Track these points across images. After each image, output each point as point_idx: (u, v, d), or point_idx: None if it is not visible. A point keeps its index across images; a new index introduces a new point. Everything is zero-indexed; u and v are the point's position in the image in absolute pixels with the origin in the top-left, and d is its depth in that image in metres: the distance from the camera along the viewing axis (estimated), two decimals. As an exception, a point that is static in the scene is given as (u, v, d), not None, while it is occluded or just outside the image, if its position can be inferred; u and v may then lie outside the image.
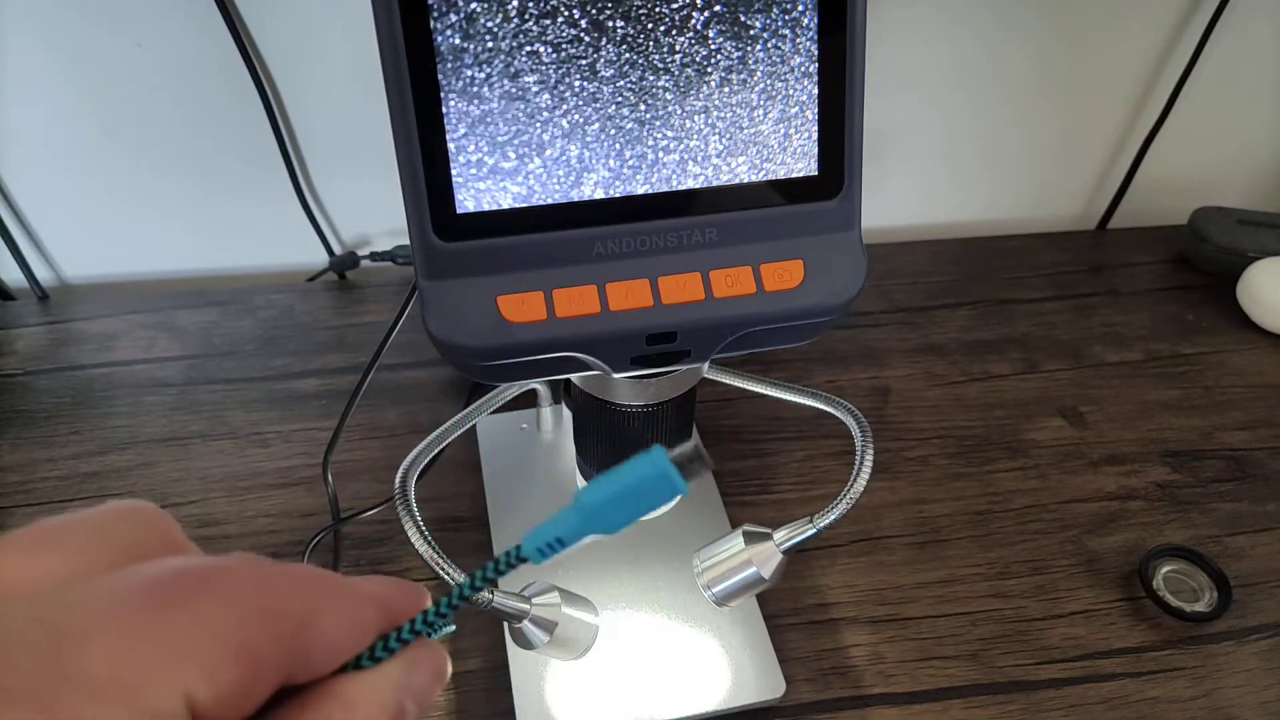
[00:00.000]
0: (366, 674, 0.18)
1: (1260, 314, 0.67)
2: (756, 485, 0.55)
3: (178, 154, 0.64)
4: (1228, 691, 0.46)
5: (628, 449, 0.37)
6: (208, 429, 0.57)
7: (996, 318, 0.68)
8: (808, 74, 0.29)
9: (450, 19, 0.26)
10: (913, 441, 0.58)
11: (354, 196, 0.69)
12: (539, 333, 0.29)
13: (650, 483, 0.18)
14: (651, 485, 0.18)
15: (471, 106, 0.27)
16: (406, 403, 0.59)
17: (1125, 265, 0.74)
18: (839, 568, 0.51)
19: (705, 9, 0.28)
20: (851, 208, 0.31)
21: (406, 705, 0.18)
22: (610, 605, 0.47)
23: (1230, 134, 0.77)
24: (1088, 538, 0.53)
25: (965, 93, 0.70)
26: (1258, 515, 0.55)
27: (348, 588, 0.19)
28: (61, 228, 0.68)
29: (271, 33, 0.60)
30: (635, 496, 0.19)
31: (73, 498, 0.53)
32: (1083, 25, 0.68)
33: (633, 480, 0.18)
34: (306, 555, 0.49)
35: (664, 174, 0.29)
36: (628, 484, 0.18)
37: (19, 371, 0.61)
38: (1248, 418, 0.61)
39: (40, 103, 0.60)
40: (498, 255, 0.29)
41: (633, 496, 0.19)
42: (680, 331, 0.30)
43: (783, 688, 0.44)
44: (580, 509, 0.19)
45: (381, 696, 0.18)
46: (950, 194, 0.78)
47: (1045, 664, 0.47)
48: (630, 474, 0.18)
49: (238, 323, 0.65)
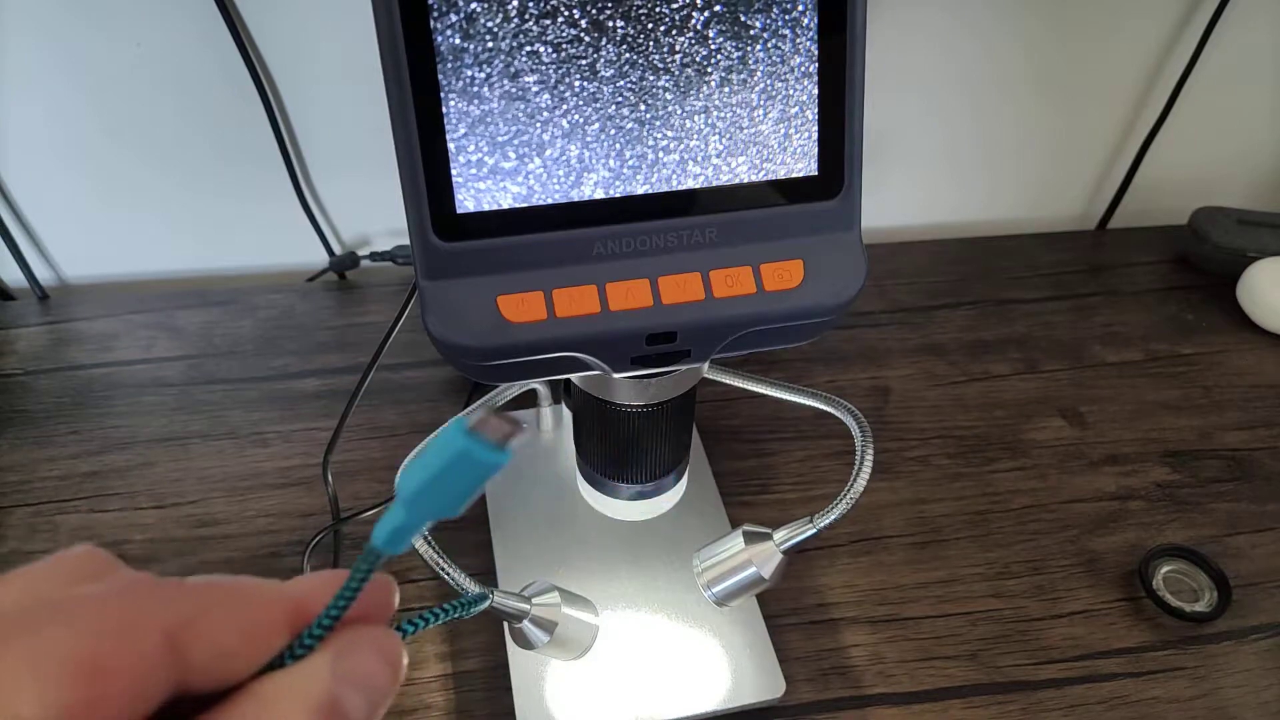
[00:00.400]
0: (287, 670, 0.18)
1: (1260, 314, 0.67)
2: (756, 485, 0.55)
3: (178, 154, 0.64)
4: (1228, 691, 0.46)
5: (628, 449, 0.37)
6: (208, 429, 0.57)
7: (996, 318, 0.68)
8: (808, 74, 0.29)
9: (450, 19, 0.26)
10: (913, 441, 0.58)
11: (354, 196, 0.69)
12: (539, 333, 0.29)
13: (459, 461, 0.18)
14: (462, 463, 0.18)
15: (471, 106, 0.27)
16: (406, 403, 0.59)
17: (1125, 265, 0.74)
18: (839, 568, 0.51)
19: (705, 9, 0.28)
20: (851, 208, 0.31)
21: (343, 694, 0.17)
22: (610, 605, 0.47)
23: (1230, 134, 0.77)
24: (1088, 538, 0.53)
25: (965, 93, 0.71)
26: (1258, 515, 0.55)
27: (243, 592, 0.18)
28: (61, 228, 0.68)
29: (271, 33, 0.60)
30: (453, 476, 0.18)
31: (72, 497, 0.53)
32: (1083, 25, 0.68)
33: (440, 464, 0.18)
34: (306, 555, 0.49)
35: (664, 174, 0.29)
36: (437, 469, 0.18)
37: (19, 371, 0.61)
38: (1248, 418, 0.61)
39: (40, 103, 0.60)
40: (498, 255, 0.29)
41: (450, 477, 0.18)
42: (680, 331, 0.30)
43: (783, 688, 0.44)
44: (403, 501, 0.18)
45: (306, 687, 0.17)
46: (950, 194, 0.78)
47: (1045, 664, 0.47)
48: (436, 458, 0.18)
49: (238, 323, 0.65)
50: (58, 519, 0.52)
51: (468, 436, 0.17)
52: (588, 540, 0.50)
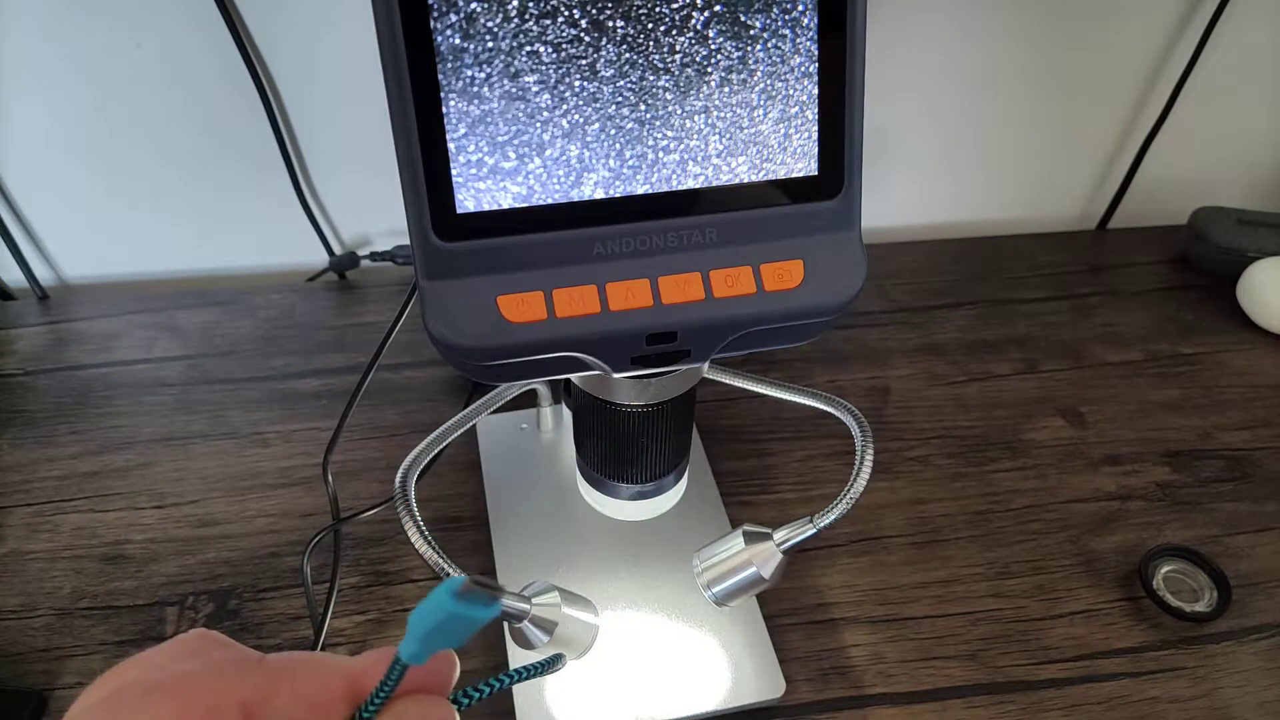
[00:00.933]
0: None
1: (1260, 314, 0.67)
2: (756, 485, 0.55)
3: (178, 154, 0.64)
4: (1227, 691, 0.46)
5: (628, 449, 0.37)
6: (208, 429, 0.57)
7: (996, 318, 0.68)
8: (808, 74, 0.29)
9: (450, 19, 0.26)
10: (913, 441, 0.58)
11: (354, 196, 0.70)
12: (539, 333, 0.29)
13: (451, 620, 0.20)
14: (453, 621, 0.20)
15: (471, 106, 0.27)
16: (406, 403, 0.59)
17: (1125, 265, 0.74)
18: (839, 568, 0.51)
19: (705, 9, 0.28)
20: (851, 208, 0.31)
21: None
22: (610, 605, 0.47)
23: (1230, 134, 0.77)
24: (1088, 538, 0.53)
25: (965, 93, 0.71)
26: (1258, 515, 0.55)
27: (310, 668, 0.21)
28: (61, 228, 0.68)
29: (271, 33, 0.60)
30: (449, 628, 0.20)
31: (73, 497, 0.53)
32: (1082, 25, 0.68)
33: (434, 622, 0.20)
34: (306, 555, 0.49)
35: (664, 174, 0.29)
36: (432, 625, 0.20)
37: (19, 371, 0.61)
38: (1248, 418, 0.61)
39: (40, 103, 0.61)
40: (498, 255, 0.29)
41: (447, 629, 0.20)
42: (680, 331, 0.30)
43: (783, 688, 0.44)
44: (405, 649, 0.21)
45: None
46: (950, 194, 0.78)
47: (1045, 664, 0.47)
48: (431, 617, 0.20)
49: (238, 323, 0.65)
50: (58, 519, 0.52)
51: (454, 601, 0.20)
52: (588, 540, 0.50)
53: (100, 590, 0.48)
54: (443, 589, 0.20)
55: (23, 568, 0.49)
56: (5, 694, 0.43)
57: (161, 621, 0.47)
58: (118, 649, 0.46)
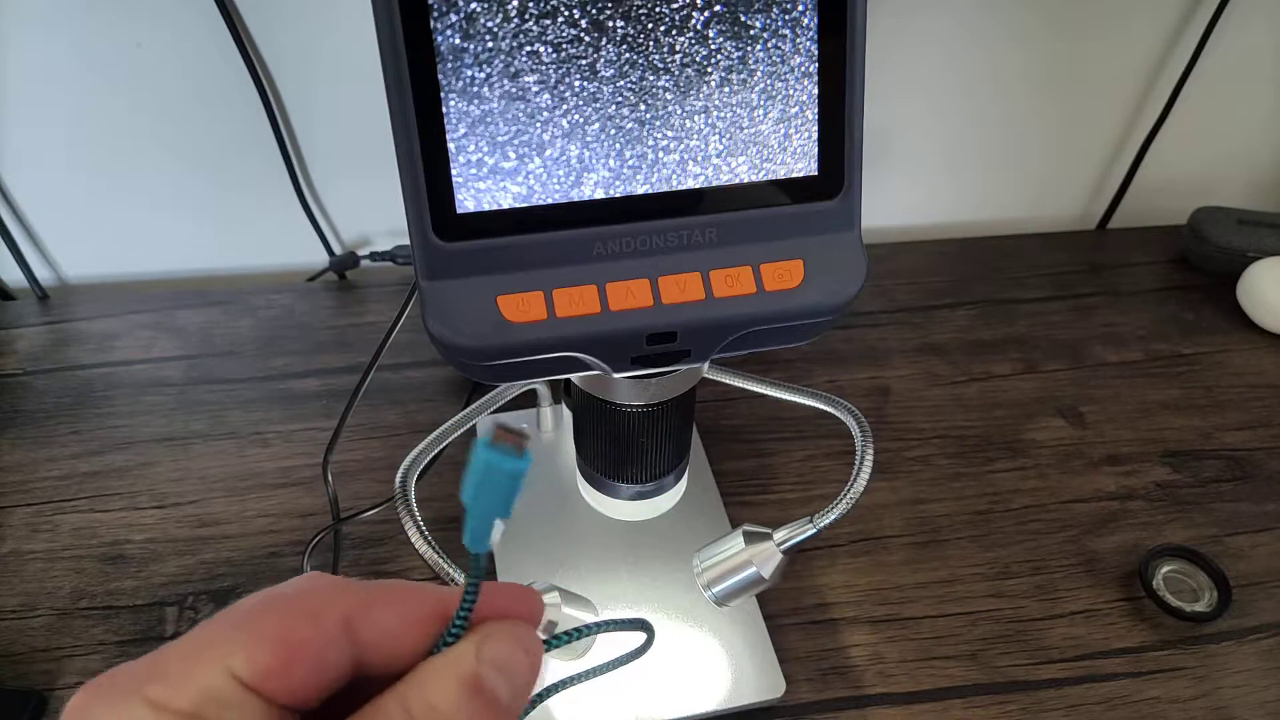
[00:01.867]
0: (438, 656, 0.21)
1: (1260, 314, 0.67)
2: (756, 485, 0.55)
3: (178, 154, 0.64)
4: (1228, 691, 0.46)
5: (628, 449, 0.37)
6: (208, 429, 0.57)
7: (996, 318, 0.68)
8: (808, 74, 0.29)
9: (450, 19, 0.26)
10: (913, 441, 0.58)
11: (354, 196, 0.69)
12: (539, 333, 0.29)
13: (489, 473, 0.21)
14: (491, 474, 0.21)
15: (471, 106, 0.27)
16: (406, 403, 0.59)
17: (1125, 265, 0.74)
18: (839, 568, 0.51)
19: (705, 9, 0.28)
20: (851, 208, 0.31)
21: (486, 674, 0.20)
22: (610, 605, 0.47)
23: (1230, 134, 0.77)
24: (1088, 538, 0.53)
25: (965, 93, 0.71)
26: (1258, 515, 0.55)
27: (402, 590, 0.22)
28: (61, 228, 0.68)
29: (272, 33, 0.60)
30: (491, 486, 0.21)
31: (73, 497, 0.53)
32: (1082, 25, 0.68)
33: (476, 479, 0.21)
34: (307, 555, 0.49)
35: (664, 174, 0.29)
36: (475, 483, 0.21)
37: (19, 371, 0.61)
38: (1248, 418, 0.61)
39: (40, 103, 0.61)
40: (498, 255, 0.29)
41: (489, 487, 0.21)
42: (680, 331, 0.30)
43: (783, 688, 0.44)
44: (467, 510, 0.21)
45: (456, 668, 0.20)
46: (950, 194, 0.78)
47: (1045, 664, 0.47)
48: (473, 474, 0.21)
49: (238, 323, 0.65)
50: (58, 519, 0.52)
51: (488, 450, 0.20)
52: (588, 540, 0.50)
53: (100, 590, 0.48)
54: (479, 442, 0.20)
55: (22, 568, 0.49)
56: (5, 694, 0.43)
57: (161, 622, 0.47)
58: (118, 649, 0.46)
